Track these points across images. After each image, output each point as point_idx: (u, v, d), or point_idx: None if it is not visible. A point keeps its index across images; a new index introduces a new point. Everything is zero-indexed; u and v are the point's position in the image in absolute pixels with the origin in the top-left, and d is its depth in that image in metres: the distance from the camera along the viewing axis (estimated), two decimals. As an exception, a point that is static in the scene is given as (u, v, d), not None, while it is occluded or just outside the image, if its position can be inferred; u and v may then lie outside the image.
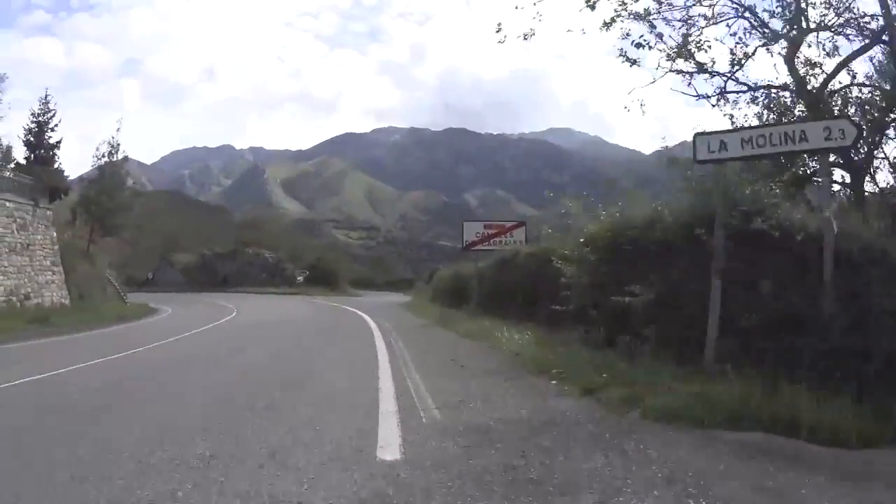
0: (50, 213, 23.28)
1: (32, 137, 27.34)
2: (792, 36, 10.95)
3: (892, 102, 10.46)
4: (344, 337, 13.76)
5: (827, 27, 10.94)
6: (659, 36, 11.42)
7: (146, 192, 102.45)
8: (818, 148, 6.56)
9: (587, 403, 5.44)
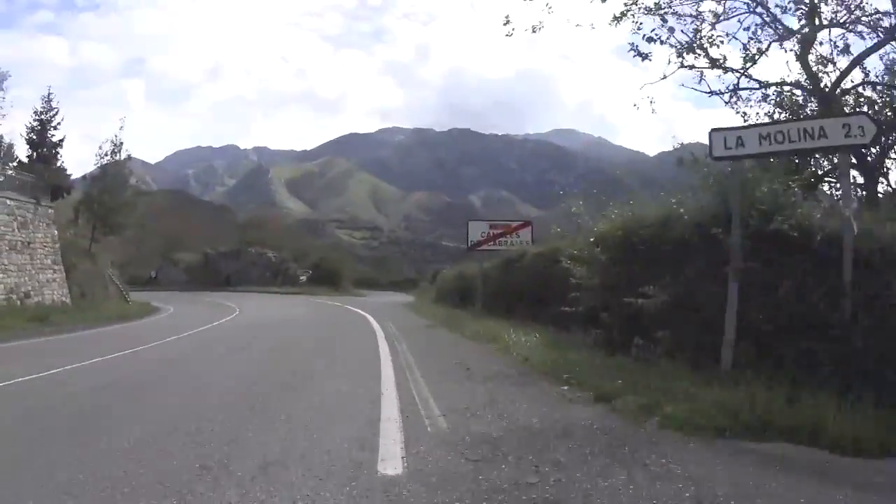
0: (51, 211, 23.20)
1: (35, 136, 27.38)
2: (805, 32, 10.75)
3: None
4: (346, 338, 13.52)
5: (839, 24, 10.74)
6: (671, 30, 11.24)
7: (150, 191, 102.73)
8: (837, 145, 6.32)
9: (602, 411, 5.17)
